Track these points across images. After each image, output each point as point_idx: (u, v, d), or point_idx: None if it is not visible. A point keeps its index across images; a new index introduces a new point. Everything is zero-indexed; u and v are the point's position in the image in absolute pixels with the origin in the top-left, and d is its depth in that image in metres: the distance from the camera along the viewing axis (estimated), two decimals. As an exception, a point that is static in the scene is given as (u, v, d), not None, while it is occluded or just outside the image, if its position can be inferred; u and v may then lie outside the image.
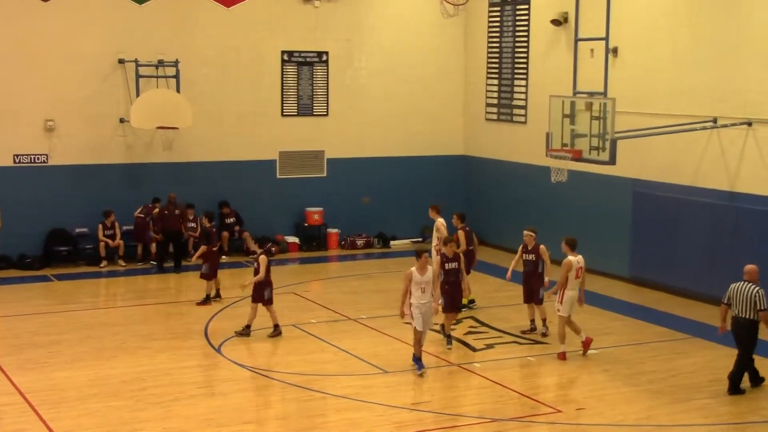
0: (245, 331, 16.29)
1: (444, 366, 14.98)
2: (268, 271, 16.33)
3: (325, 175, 24.39)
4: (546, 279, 16.37)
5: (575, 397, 13.84)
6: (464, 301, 17.85)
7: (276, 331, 16.39)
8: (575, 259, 15.12)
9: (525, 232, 16.59)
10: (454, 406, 13.15)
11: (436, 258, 18.54)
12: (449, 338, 15.91)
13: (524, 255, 16.59)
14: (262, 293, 16.32)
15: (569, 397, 13.77)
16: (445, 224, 18.36)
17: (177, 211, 21.67)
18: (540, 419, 12.58)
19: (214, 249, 18.70)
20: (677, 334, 16.76)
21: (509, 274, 16.94)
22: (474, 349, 15.83)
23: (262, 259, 16.32)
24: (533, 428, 12.39)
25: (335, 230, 24.29)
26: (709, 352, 15.71)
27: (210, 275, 18.54)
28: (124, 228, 22.08)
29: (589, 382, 14.55)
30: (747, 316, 13.53)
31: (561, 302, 15.07)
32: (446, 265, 15.59)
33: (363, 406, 13.10)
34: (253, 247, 16.90)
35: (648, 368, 14.89)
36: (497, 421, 12.37)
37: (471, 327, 17.13)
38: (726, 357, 15.42)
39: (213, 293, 18.64)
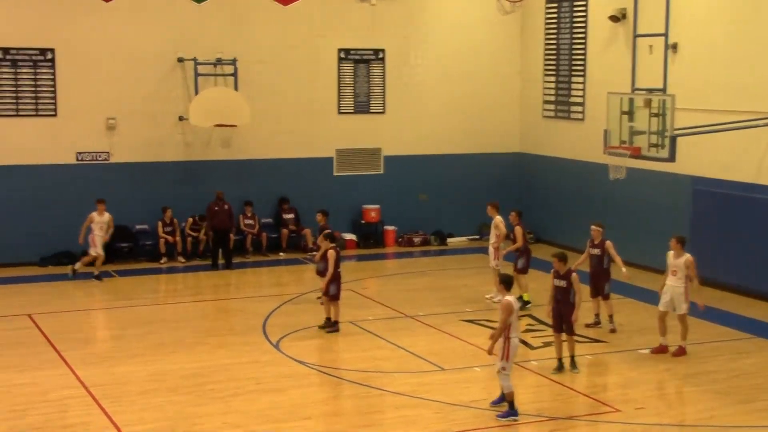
0: (333, 327, 16.44)
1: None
2: (336, 265, 16.36)
3: (382, 172, 24.45)
4: (624, 270, 16.13)
5: (635, 396, 13.71)
6: (525, 297, 17.81)
7: (327, 324, 16.50)
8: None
9: (592, 226, 16.52)
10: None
11: (492, 253, 18.52)
12: (572, 361, 14.53)
13: (590, 249, 16.51)
14: (327, 288, 16.41)
15: (628, 396, 13.64)
16: (503, 222, 18.39)
17: (226, 207, 21.84)
18: (598, 418, 12.49)
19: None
20: (739, 334, 16.53)
21: (574, 269, 16.65)
22: (532, 347, 15.75)
23: (330, 254, 16.33)
24: (591, 427, 12.30)
25: (392, 227, 24.33)
26: (771, 352, 15.49)
27: (325, 272, 18.47)
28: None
29: (649, 381, 14.41)
30: None
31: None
32: (555, 281, 14.47)
33: (420, 403, 13.11)
34: (324, 243, 16.72)
35: (709, 368, 14.71)
36: (555, 420, 12.31)
37: (528, 325, 17.05)
38: (789, 357, 15.21)
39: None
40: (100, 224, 20.46)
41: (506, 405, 12.44)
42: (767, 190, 18.43)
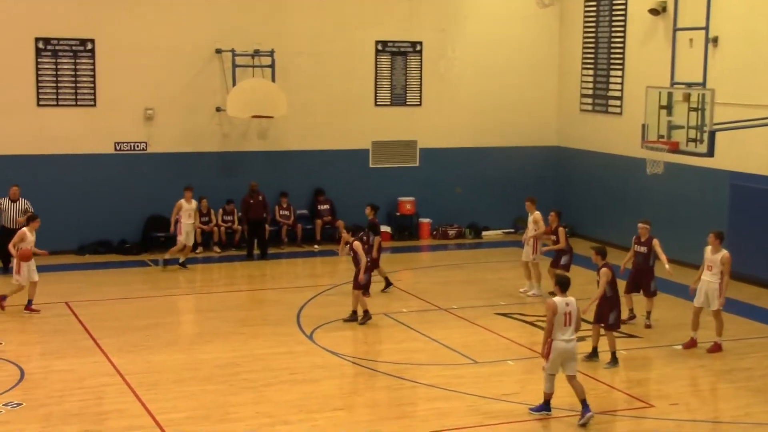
0: (365, 317, 16.50)
1: (534, 358, 14.88)
2: (366, 254, 16.46)
3: (417, 164, 24.44)
4: (667, 267, 15.98)
5: (668, 392, 13.63)
6: None
7: (352, 317, 16.59)
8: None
9: (639, 224, 16.41)
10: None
11: (527, 248, 18.46)
12: (612, 356, 14.47)
13: (637, 246, 16.41)
14: (356, 278, 16.47)
15: (662, 392, 13.57)
16: (542, 217, 18.35)
17: (260, 198, 21.94)
18: (631, 413, 12.42)
19: (371, 243, 18.35)
20: (776, 331, 16.39)
21: (623, 268, 16.50)
22: (565, 342, 15.68)
23: (356, 245, 16.42)
24: (625, 423, 12.24)
25: (427, 220, 24.33)
26: (808, 350, 15.33)
27: (375, 265, 18.41)
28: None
29: (683, 377, 14.32)
30: None
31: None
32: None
33: (453, 395, 13.12)
34: (346, 236, 16.90)
35: (745, 365, 14.59)
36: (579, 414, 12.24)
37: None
38: (826, 355, 15.05)
39: (383, 284, 18.72)
40: (188, 212, 20.63)
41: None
42: (807, 186, 18.22)
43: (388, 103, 24.06)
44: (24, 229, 16.99)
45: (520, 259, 18.93)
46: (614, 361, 14.37)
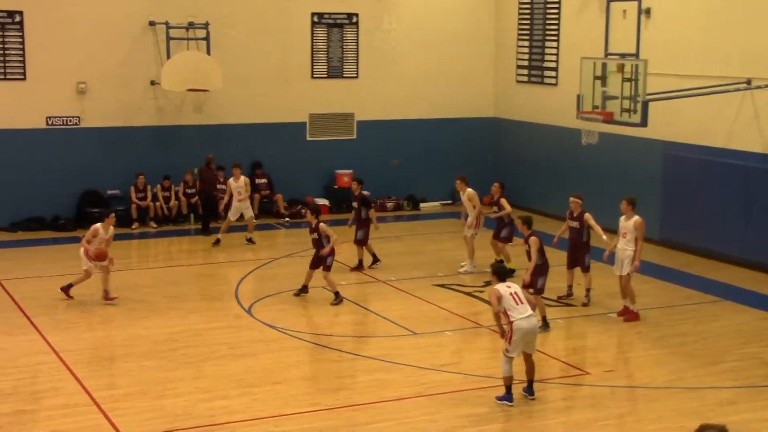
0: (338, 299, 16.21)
1: (473, 328, 15.03)
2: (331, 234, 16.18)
3: (355, 137, 24.40)
4: (604, 238, 15.84)
5: (604, 359, 13.86)
6: (510, 266, 17.76)
7: (303, 291, 16.52)
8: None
9: (571, 198, 16.22)
10: (483, 368, 13.19)
11: (469, 222, 18.31)
12: (543, 322, 14.48)
13: (569, 221, 16.27)
14: (326, 260, 16.15)
15: (598, 359, 13.78)
16: (475, 193, 18.22)
17: (210, 172, 21.79)
18: (568, 381, 12.60)
19: (364, 217, 18.38)
20: (708, 297, 16.70)
21: (556, 239, 16.60)
22: (503, 312, 15.82)
23: (323, 227, 16.11)
24: (561, 390, 12.41)
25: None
26: (739, 315, 15.66)
27: (364, 241, 18.39)
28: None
29: (618, 344, 14.57)
30: None
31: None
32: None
33: (392, 367, 13.18)
34: (311, 218, 16.27)
35: (678, 331, 14.87)
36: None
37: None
38: (756, 320, 15.41)
39: (368, 259, 18.50)
40: (237, 189, 20.41)
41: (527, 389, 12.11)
42: (738, 155, 18.56)
43: (325, 75, 23.94)
44: (97, 225, 16.26)
45: (461, 232, 18.82)
46: (546, 325, 14.51)
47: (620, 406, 12.09)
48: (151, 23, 22.07)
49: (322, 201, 23.84)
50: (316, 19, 23.70)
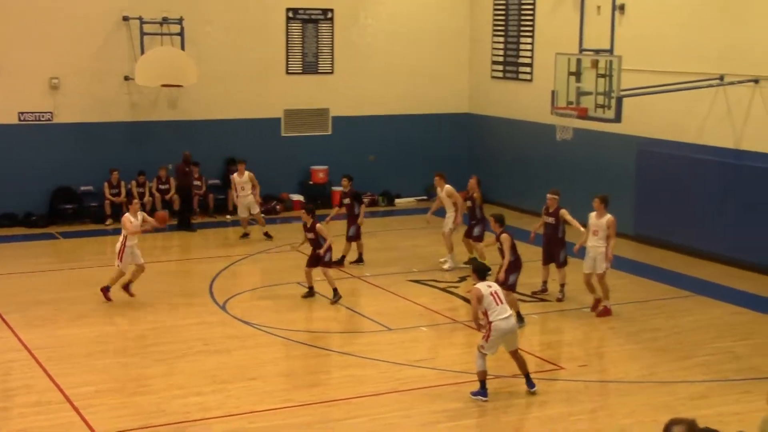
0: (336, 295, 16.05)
1: (448, 323, 15.05)
2: (327, 236, 16.06)
3: (330, 133, 24.36)
4: (583, 231, 15.83)
5: (578, 354, 13.93)
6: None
7: (309, 293, 16.26)
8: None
9: (548, 195, 16.21)
10: (458, 363, 13.21)
11: (449, 228, 18.26)
12: (518, 316, 14.22)
13: (545, 217, 16.27)
14: (323, 257, 15.99)
15: (572, 354, 13.85)
16: (454, 190, 18.22)
17: (188, 169, 21.74)
18: (542, 376, 12.63)
19: (357, 213, 18.28)
20: (681, 292, 16.79)
21: (532, 235, 16.58)
22: (478, 307, 15.85)
23: (319, 227, 16.01)
24: (536, 385, 12.43)
25: (340, 188, 24.23)
26: (712, 310, 15.76)
27: (356, 237, 18.26)
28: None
29: (592, 339, 14.64)
30: None
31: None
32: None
33: (367, 363, 13.18)
34: (307, 217, 16.05)
35: (651, 326, 14.95)
36: (499, 378, 12.42)
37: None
38: (728, 314, 15.52)
39: (355, 256, 18.44)
40: (240, 185, 20.45)
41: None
42: (710, 151, 18.68)
43: (300, 71, 23.89)
44: (126, 215, 16.22)
45: (436, 228, 18.80)
46: (520, 320, 14.54)
47: (594, 401, 12.15)
48: (125, 18, 21.93)
49: (296, 197, 23.81)
50: (291, 14, 23.64)
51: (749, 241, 17.89)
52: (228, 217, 22.75)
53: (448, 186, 18.27)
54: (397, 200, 24.89)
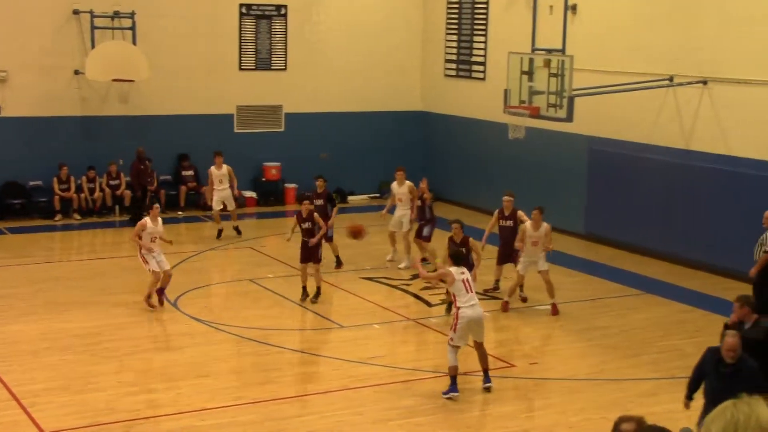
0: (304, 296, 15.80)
1: (400, 321, 15.07)
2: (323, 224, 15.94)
3: (283, 129, 24.27)
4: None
5: (529, 351, 14.02)
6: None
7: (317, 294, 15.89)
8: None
9: (504, 197, 16.17)
10: (410, 361, 13.25)
11: (399, 218, 18.28)
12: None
13: (501, 221, 16.19)
14: (317, 251, 15.77)
15: (523, 352, 13.93)
16: (414, 185, 18.22)
17: (142, 166, 21.55)
18: (493, 374, 12.67)
19: (329, 214, 17.90)
20: (630, 290, 16.97)
21: (484, 240, 16.16)
22: (430, 305, 15.92)
23: (316, 216, 15.87)
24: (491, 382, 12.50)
25: (293, 185, 24.21)
26: (660, 308, 15.94)
27: (331, 239, 17.92)
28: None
29: (542, 337, 14.74)
30: None
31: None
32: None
33: (319, 360, 13.16)
34: (309, 206, 15.74)
35: (601, 323, 15.09)
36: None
37: (427, 283, 17.18)
38: (676, 313, 15.72)
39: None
40: (219, 177, 20.06)
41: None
42: (660, 151, 18.89)
43: (253, 67, 23.77)
44: (145, 219, 15.45)
45: (390, 227, 18.71)
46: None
47: (544, 398, 12.23)
48: (75, 12, 21.66)
49: (249, 194, 23.69)
50: (244, 10, 23.51)
51: (697, 239, 18.13)
52: (180, 213, 22.58)
53: (408, 182, 18.31)
54: (350, 197, 24.86)
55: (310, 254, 15.81)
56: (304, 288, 15.78)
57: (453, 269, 12.00)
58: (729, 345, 9.04)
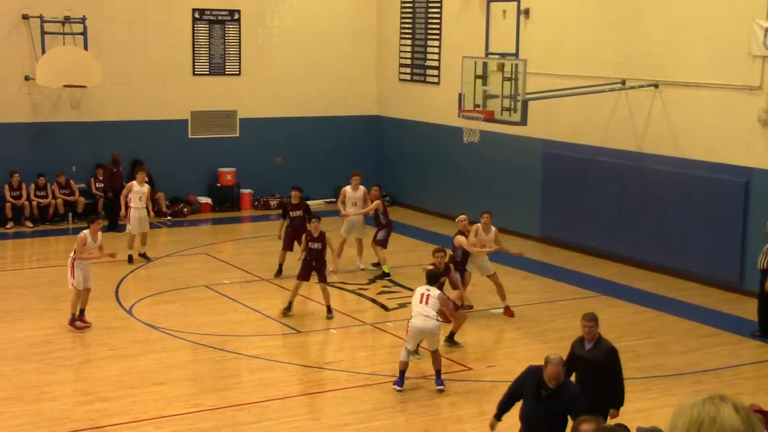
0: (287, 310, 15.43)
1: (357, 326, 15.06)
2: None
3: (237, 135, 24.16)
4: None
5: (486, 355, 14.07)
6: (385, 269, 17.85)
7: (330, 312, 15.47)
8: (424, 287, 12.64)
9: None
10: (367, 365, 13.24)
11: (354, 224, 18.29)
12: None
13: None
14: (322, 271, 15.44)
15: (480, 355, 13.98)
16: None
17: (115, 170, 21.39)
18: (450, 377, 12.73)
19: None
20: (585, 292, 17.10)
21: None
22: (387, 309, 15.93)
23: (327, 237, 15.72)
24: (445, 385, 12.53)
25: (248, 191, 24.12)
26: (614, 310, 16.08)
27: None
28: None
29: (500, 340, 14.81)
30: None
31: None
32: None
33: (276, 366, 13.11)
34: (316, 225, 15.49)
35: (557, 325, 15.19)
36: (408, 380, 12.47)
37: (384, 287, 17.23)
38: (630, 314, 15.87)
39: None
40: (138, 194, 18.31)
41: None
42: (612, 154, 19.07)
43: (207, 72, 23.64)
44: (84, 233, 14.47)
45: (351, 233, 18.64)
46: (452, 342, 14.65)
47: (502, 400, 12.26)
48: (25, 17, 21.40)
49: (204, 199, 23.55)
50: (197, 15, 23.38)
51: (650, 241, 18.33)
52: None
53: (363, 187, 18.35)
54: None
55: (310, 273, 15.34)
56: (291, 303, 15.37)
57: (420, 287, 12.46)
58: (551, 373, 9.07)
